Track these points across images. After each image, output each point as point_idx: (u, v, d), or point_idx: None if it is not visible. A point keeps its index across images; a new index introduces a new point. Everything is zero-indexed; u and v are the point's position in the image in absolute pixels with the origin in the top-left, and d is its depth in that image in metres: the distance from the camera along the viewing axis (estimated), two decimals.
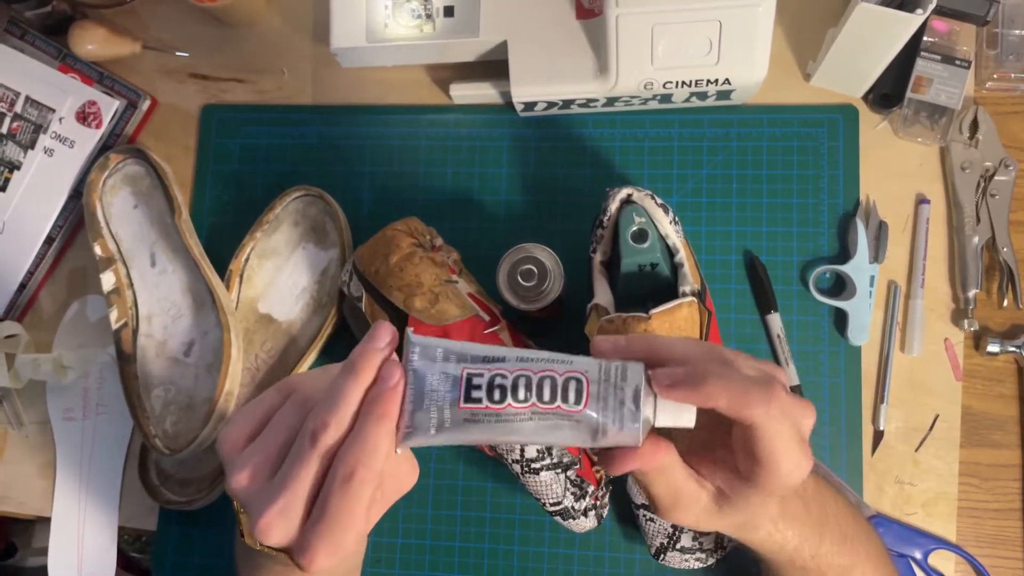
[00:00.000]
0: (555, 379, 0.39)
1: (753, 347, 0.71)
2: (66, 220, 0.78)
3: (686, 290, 0.61)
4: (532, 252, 0.64)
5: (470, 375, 0.39)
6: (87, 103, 0.77)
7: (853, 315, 0.70)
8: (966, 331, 0.71)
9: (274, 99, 0.80)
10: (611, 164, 0.75)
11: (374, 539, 0.72)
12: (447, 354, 0.39)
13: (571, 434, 0.39)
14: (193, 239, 0.73)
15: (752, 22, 0.65)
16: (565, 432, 0.39)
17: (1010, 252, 0.70)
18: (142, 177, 0.76)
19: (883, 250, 0.71)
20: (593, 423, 0.38)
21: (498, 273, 0.64)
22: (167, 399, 0.72)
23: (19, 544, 1.14)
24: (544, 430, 0.39)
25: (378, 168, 0.78)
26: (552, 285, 0.64)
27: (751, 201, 0.73)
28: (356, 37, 0.72)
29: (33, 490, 0.77)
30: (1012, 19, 0.72)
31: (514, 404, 0.38)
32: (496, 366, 0.39)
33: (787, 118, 0.74)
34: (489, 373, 0.39)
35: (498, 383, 0.38)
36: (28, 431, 0.78)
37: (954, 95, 0.71)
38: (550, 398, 0.38)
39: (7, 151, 0.78)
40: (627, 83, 0.68)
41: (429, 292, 0.65)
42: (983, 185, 0.71)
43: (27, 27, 0.81)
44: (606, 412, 0.38)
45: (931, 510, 0.69)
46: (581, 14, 0.69)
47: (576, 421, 0.38)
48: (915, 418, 0.70)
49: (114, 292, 0.73)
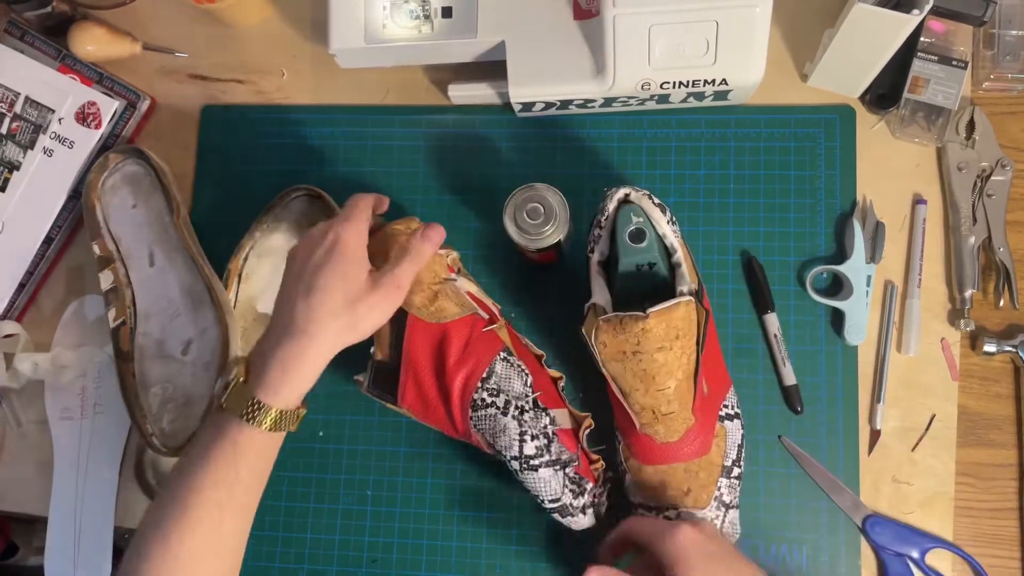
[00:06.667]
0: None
1: (750, 347, 0.72)
2: (65, 220, 0.78)
3: (684, 289, 0.61)
4: (542, 192, 0.64)
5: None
6: (87, 103, 0.78)
7: (850, 315, 0.70)
8: (962, 331, 0.71)
9: (273, 99, 0.80)
10: (609, 164, 0.75)
11: (371, 539, 0.73)
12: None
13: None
14: (192, 239, 0.74)
15: (749, 23, 0.65)
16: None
17: (1006, 252, 0.71)
18: (141, 177, 0.76)
19: (880, 250, 0.71)
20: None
21: (505, 207, 0.64)
22: (165, 397, 0.72)
23: (20, 543, 1.14)
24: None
25: (377, 168, 0.78)
26: (556, 227, 0.64)
27: (748, 201, 0.74)
28: (355, 38, 0.72)
29: (31, 489, 0.77)
30: (1009, 19, 0.72)
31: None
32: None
33: (784, 118, 0.74)
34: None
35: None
36: (26, 430, 0.78)
37: (951, 95, 0.71)
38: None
39: (7, 151, 0.78)
40: (624, 83, 0.69)
41: (428, 289, 0.65)
42: (979, 185, 0.72)
43: (27, 28, 0.81)
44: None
45: (928, 509, 0.69)
46: (578, 15, 0.69)
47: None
48: (912, 418, 0.70)
49: (112, 291, 0.73)
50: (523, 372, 0.65)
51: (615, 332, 0.59)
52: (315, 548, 0.73)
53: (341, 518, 0.73)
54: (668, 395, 0.60)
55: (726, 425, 0.66)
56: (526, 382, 0.64)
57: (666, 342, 0.59)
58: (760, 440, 0.70)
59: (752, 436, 0.70)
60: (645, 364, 0.59)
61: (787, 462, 0.70)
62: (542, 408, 0.64)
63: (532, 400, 0.64)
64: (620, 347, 0.59)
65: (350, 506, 0.73)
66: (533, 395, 0.64)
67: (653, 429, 0.62)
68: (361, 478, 0.73)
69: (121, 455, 0.76)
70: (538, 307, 0.74)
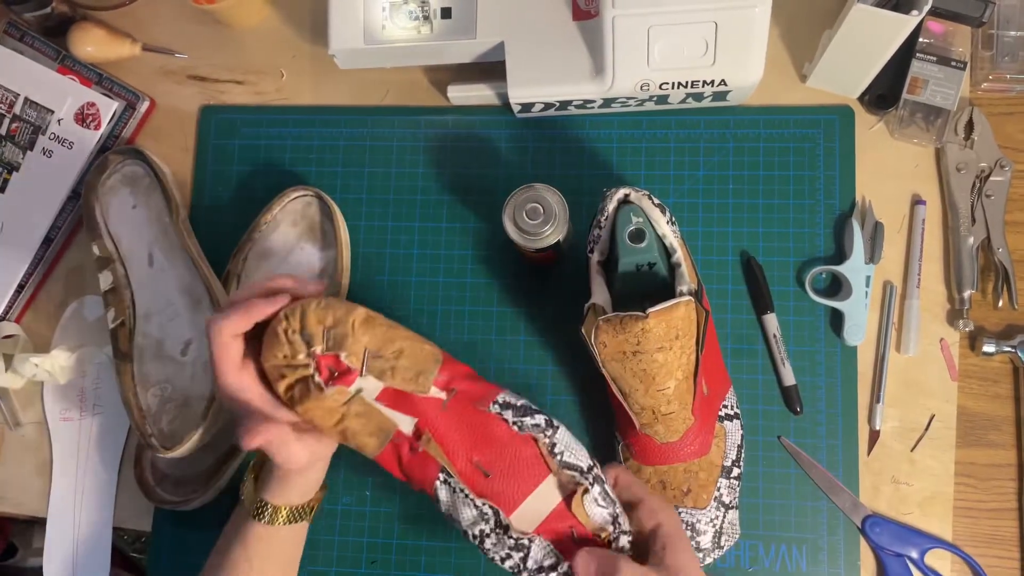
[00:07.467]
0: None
1: (749, 347, 0.72)
2: (64, 221, 0.78)
3: (683, 289, 0.61)
4: (542, 192, 0.64)
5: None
6: (86, 104, 0.78)
7: (849, 315, 0.70)
8: (961, 331, 0.71)
9: (272, 100, 0.80)
10: (608, 165, 0.75)
11: (370, 540, 0.72)
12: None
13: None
14: (191, 239, 0.74)
15: (748, 23, 0.65)
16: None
17: (1005, 253, 0.71)
18: (141, 178, 0.76)
19: (879, 251, 0.71)
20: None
21: (505, 207, 0.64)
22: (164, 398, 0.72)
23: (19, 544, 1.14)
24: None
25: (376, 169, 0.78)
26: (555, 227, 0.64)
27: (748, 202, 0.74)
28: (354, 39, 0.72)
29: (30, 490, 0.77)
30: (1007, 20, 0.72)
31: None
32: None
33: (783, 119, 0.74)
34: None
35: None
36: (25, 431, 0.78)
37: (950, 96, 0.71)
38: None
39: (6, 152, 0.78)
40: (623, 84, 0.69)
41: (333, 431, 0.54)
42: (978, 186, 0.72)
43: (26, 29, 0.81)
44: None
45: (927, 510, 0.69)
46: (578, 15, 0.69)
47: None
48: (911, 418, 0.70)
49: (111, 291, 0.73)
50: (469, 499, 0.54)
51: (615, 332, 0.59)
52: (314, 549, 0.73)
53: (341, 519, 0.73)
54: (668, 395, 0.60)
55: (726, 425, 0.66)
56: (475, 504, 0.54)
57: (666, 342, 0.59)
58: (759, 440, 0.70)
59: (751, 436, 0.70)
60: (645, 364, 0.59)
61: (786, 462, 0.70)
62: (504, 526, 0.54)
63: (491, 525, 0.54)
64: (620, 347, 0.59)
65: (350, 507, 0.73)
66: (490, 518, 0.54)
67: (653, 429, 0.62)
68: (361, 478, 0.73)
69: (120, 456, 0.76)
70: (537, 307, 0.74)
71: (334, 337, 0.52)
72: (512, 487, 0.54)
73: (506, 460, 0.55)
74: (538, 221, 0.63)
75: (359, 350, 0.52)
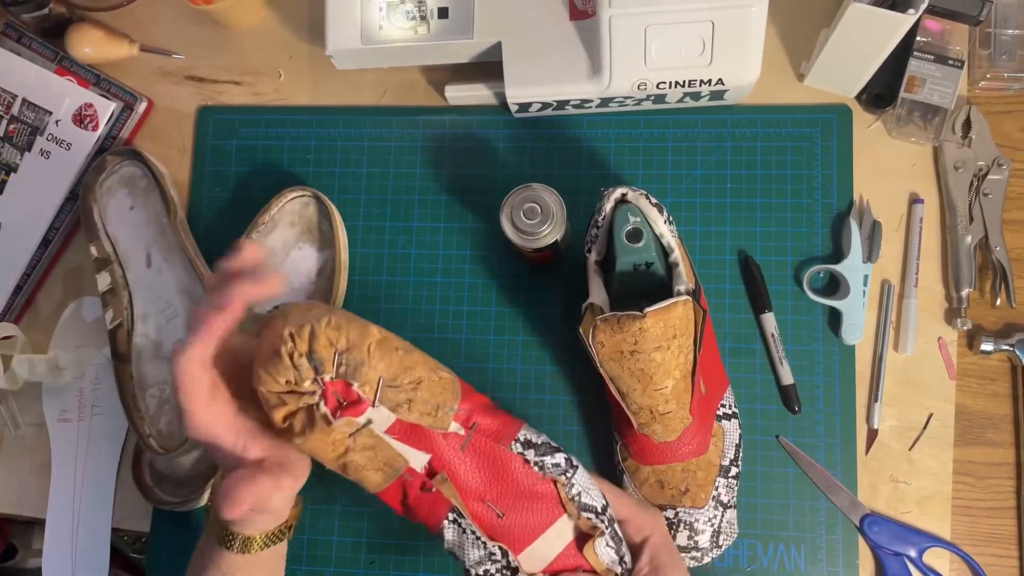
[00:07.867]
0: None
1: (747, 347, 0.72)
2: (63, 222, 0.78)
3: (681, 289, 0.61)
4: (539, 192, 0.64)
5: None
6: (83, 105, 0.78)
7: (847, 314, 0.70)
8: (959, 330, 0.71)
9: (270, 101, 0.80)
10: (606, 164, 0.76)
11: (369, 540, 0.72)
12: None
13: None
14: (189, 240, 0.74)
15: (745, 22, 0.65)
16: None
17: (1003, 251, 0.71)
18: (138, 179, 0.76)
19: (876, 250, 0.71)
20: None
21: (502, 207, 0.64)
22: (162, 399, 0.72)
23: (19, 545, 1.14)
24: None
25: (374, 169, 0.78)
26: (553, 227, 0.64)
27: (745, 201, 0.74)
28: (351, 39, 0.72)
29: (29, 491, 0.77)
30: (1005, 18, 0.72)
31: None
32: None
33: (781, 118, 0.74)
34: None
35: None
36: (24, 433, 0.78)
37: (947, 95, 0.71)
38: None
39: (4, 153, 0.78)
40: (621, 84, 0.69)
41: (333, 464, 0.51)
42: (976, 184, 0.72)
43: (24, 30, 0.81)
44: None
45: (926, 508, 0.69)
46: (575, 15, 0.69)
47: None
48: (909, 417, 0.70)
49: (109, 292, 0.73)
50: (479, 540, 0.51)
51: (612, 332, 0.59)
52: (313, 549, 0.73)
53: (340, 519, 0.73)
54: (666, 395, 0.60)
55: (724, 425, 0.66)
56: (485, 545, 0.51)
57: (663, 341, 0.59)
58: (758, 440, 0.70)
59: (750, 436, 0.70)
60: (643, 364, 0.59)
61: (784, 461, 0.70)
62: (512, 568, 0.51)
63: (499, 565, 0.51)
64: (618, 347, 0.59)
65: (348, 507, 0.73)
66: (499, 559, 0.51)
67: (651, 429, 0.62)
68: None
69: (119, 457, 0.76)
70: (535, 307, 0.74)
71: (347, 363, 0.46)
72: (524, 527, 0.52)
73: (521, 500, 0.52)
74: (536, 221, 0.64)
75: (374, 378, 0.46)
